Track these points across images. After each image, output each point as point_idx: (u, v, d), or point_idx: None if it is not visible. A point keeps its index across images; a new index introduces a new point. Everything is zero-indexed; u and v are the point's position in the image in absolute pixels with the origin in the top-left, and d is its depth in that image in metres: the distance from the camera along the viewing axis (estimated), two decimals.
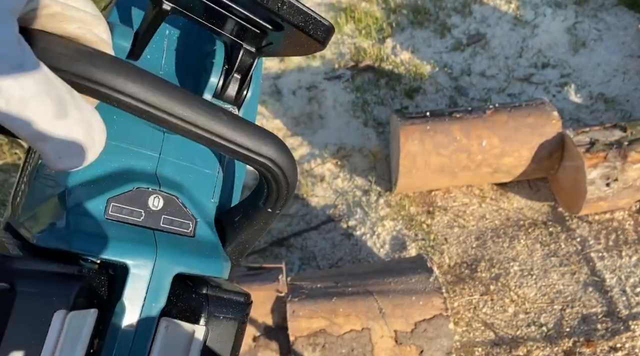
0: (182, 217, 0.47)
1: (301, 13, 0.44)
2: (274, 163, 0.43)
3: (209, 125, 0.39)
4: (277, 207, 0.48)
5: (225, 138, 0.40)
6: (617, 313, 1.74)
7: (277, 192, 0.46)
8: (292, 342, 1.41)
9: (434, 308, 1.45)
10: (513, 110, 1.90)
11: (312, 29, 0.45)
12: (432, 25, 2.50)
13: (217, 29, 0.47)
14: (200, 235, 0.48)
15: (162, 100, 0.36)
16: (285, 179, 0.45)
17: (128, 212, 0.44)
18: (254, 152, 0.42)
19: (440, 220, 1.98)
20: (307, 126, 2.23)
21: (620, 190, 1.81)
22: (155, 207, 0.46)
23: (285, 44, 0.48)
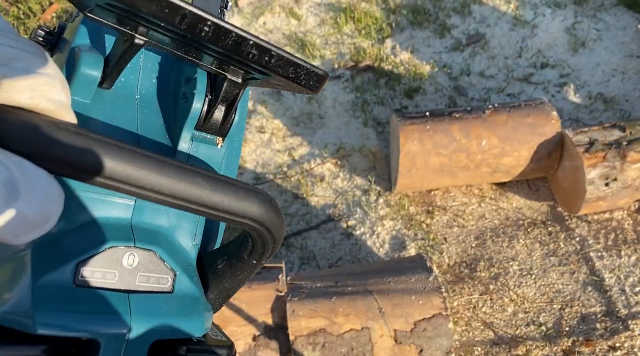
0: (159, 272, 0.43)
1: (292, 65, 0.41)
2: (260, 223, 0.40)
3: (187, 194, 0.35)
4: (262, 259, 0.45)
5: (206, 205, 0.37)
6: (617, 313, 1.74)
7: (264, 247, 0.44)
8: (292, 342, 1.42)
9: (434, 307, 1.45)
10: (513, 110, 1.91)
11: (304, 80, 0.42)
12: (432, 26, 2.51)
13: (198, 61, 0.44)
14: (180, 290, 0.44)
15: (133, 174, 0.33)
16: (272, 237, 0.42)
17: (100, 276, 0.40)
18: (238, 215, 0.39)
19: (440, 220, 1.99)
20: (307, 126, 2.24)
21: (620, 190, 1.82)
22: (130, 265, 0.41)
23: (273, 83, 0.45)
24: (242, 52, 0.38)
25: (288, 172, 2.12)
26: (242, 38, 0.37)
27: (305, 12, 2.58)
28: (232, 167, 0.52)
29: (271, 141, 2.20)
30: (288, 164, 2.14)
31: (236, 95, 0.46)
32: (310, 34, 2.50)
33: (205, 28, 0.36)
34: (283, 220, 0.43)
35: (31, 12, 2.52)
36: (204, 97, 0.45)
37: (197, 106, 0.45)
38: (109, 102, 0.45)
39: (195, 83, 0.45)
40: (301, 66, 0.41)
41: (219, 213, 0.38)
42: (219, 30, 0.36)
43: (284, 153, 2.17)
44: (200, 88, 0.45)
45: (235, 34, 0.37)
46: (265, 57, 0.39)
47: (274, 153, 2.17)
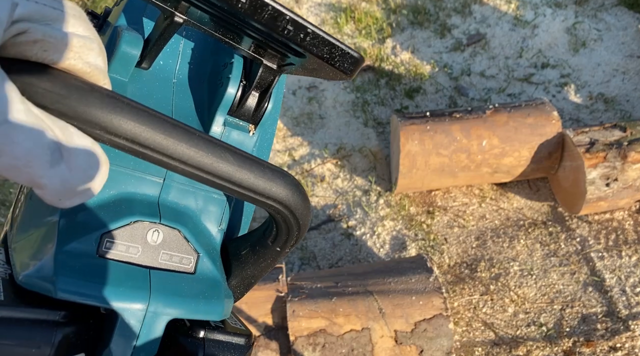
0: (183, 251, 0.43)
1: (326, 44, 0.40)
2: (285, 206, 0.40)
3: (213, 168, 0.35)
4: (286, 246, 0.45)
5: (232, 181, 0.36)
6: (617, 313, 1.74)
7: (288, 233, 0.43)
8: (292, 342, 1.42)
9: (434, 308, 1.45)
10: (513, 110, 1.91)
11: (338, 61, 0.41)
12: (432, 26, 2.51)
13: (234, 44, 0.43)
14: (201, 272, 0.44)
15: (161, 142, 0.33)
16: (296, 221, 0.41)
17: (123, 249, 0.40)
18: (263, 194, 0.38)
19: (440, 220, 1.98)
20: (307, 126, 2.24)
21: (620, 190, 1.81)
22: (154, 241, 0.42)
23: (308, 67, 0.44)
24: (277, 27, 0.37)
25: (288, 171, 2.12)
26: (279, 12, 0.37)
27: (305, 12, 2.58)
28: (264, 156, 0.52)
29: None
30: (288, 164, 2.14)
31: (270, 82, 0.45)
32: None
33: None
34: (309, 207, 0.42)
35: None
36: (238, 82, 0.45)
37: (230, 91, 0.45)
38: (146, 82, 0.45)
39: (231, 68, 0.45)
40: (336, 46, 0.40)
41: (244, 190, 0.37)
42: (255, 2, 0.36)
43: (284, 153, 2.16)
44: (236, 73, 0.45)
45: (271, 7, 0.36)
46: (300, 33, 0.38)
47: (274, 153, 2.17)
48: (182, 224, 0.43)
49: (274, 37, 0.40)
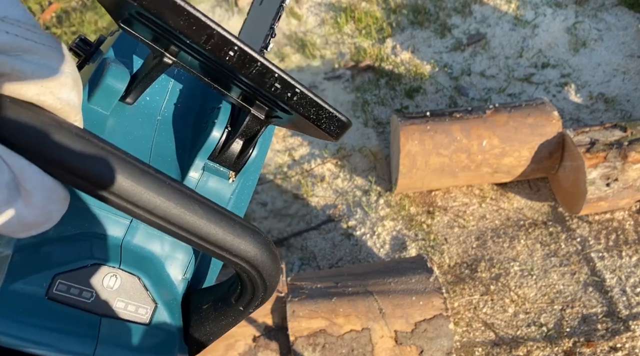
0: (140, 300, 0.40)
1: (314, 105, 0.39)
2: (252, 265, 0.37)
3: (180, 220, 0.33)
4: (250, 306, 0.42)
5: (198, 235, 0.34)
6: (617, 313, 1.74)
7: (253, 293, 0.40)
8: (292, 342, 1.41)
9: (434, 308, 1.45)
10: (513, 110, 1.90)
11: (325, 123, 0.40)
12: (432, 25, 2.50)
13: (223, 91, 0.42)
14: (157, 323, 0.41)
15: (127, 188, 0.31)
16: (263, 282, 0.39)
17: (76, 292, 0.38)
18: (229, 251, 0.36)
19: (440, 220, 1.98)
20: None
21: (621, 190, 1.81)
22: (110, 287, 0.39)
23: (296, 124, 0.43)
24: (265, 84, 0.37)
25: (288, 172, 2.11)
26: (267, 68, 0.36)
27: (306, 12, 2.57)
28: (241, 205, 0.50)
29: (271, 141, 2.20)
30: (288, 164, 2.14)
31: (256, 131, 0.44)
32: (310, 33, 2.50)
33: (230, 52, 0.35)
34: (279, 267, 0.40)
35: (30, 11, 2.51)
36: (223, 127, 0.44)
37: (214, 135, 0.43)
38: (129, 117, 0.44)
39: (218, 112, 0.44)
40: (323, 108, 0.39)
41: (210, 246, 0.35)
42: (244, 57, 0.35)
43: (284, 153, 2.16)
44: (222, 118, 0.44)
45: (260, 64, 0.36)
46: (287, 92, 0.38)
47: (274, 153, 2.16)
48: (143, 271, 0.41)
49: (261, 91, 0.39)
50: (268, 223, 1.98)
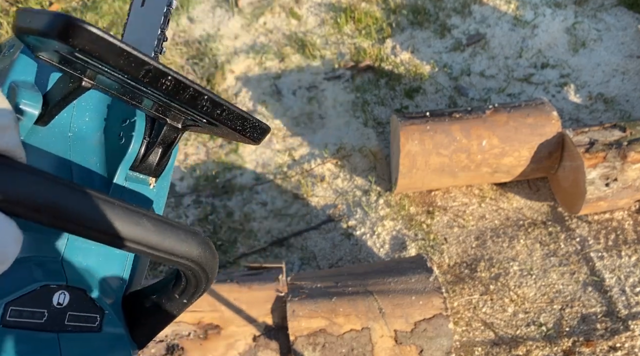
0: (89, 310, 0.43)
1: (240, 118, 0.43)
2: (197, 264, 0.42)
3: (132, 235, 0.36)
4: (193, 298, 0.46)
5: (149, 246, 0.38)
6: (617, 313, 1.74)
7: (196, 286, 0.45)
8: (292, 342, 1.42)
9: (434, 307, 1.45)
10: (513, 110, 1.91)
11: (249, 132, 0.45)
12: (432, 26, 2.51)
13: (140, 105, 0.45)
14: (107, 328, 0.44)
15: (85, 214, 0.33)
16: (206, 276, 0.44)
17: (29, 315, 0.39)
18: (177, 255, 0.40)
19: (440, 220, 1.98)
20: (307, 126, 2.24)
21: (620, 190, 1.82)
22: (60, 304, 0.41)
23: (216, 131, 0.47)
24: (197, 105, 0.40)
25: (288, 172, 2.12)
26: (199, 92, 0.40)
27: (305, 12, 2.58)
28: (160, 205, 0.53)
29: (271, 141, 2.20)
30: (288, 164, 2.14)
31: (174, 139, 0.47)
32: (310, 33, 2.50)
33: (166, 82, 0.38)
34: (217, 261, 0.45)
35: None
36: (141, 138, 0.47)
37: (134, 148, 0.46)
38: (43, 138, 0.45)
39: (133, 125, 0.46)
40: (248, 119, 0.44)
41: (160, 253, 0.39)
42: (178, 85, 0.38)
43: (284, 153, 2.17)
44: (139, 131, 0.46)
45: (192, 89, 0.39)
46: (217, 110, 0.41)
47: (274, 153, 2.17)
48: (88, 283, 0.43)
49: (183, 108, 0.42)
50: (268, 223, 1.98)
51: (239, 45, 2.46)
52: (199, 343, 1.41)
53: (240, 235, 1.96)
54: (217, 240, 1.95)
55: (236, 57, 2.42)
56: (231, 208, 2.03)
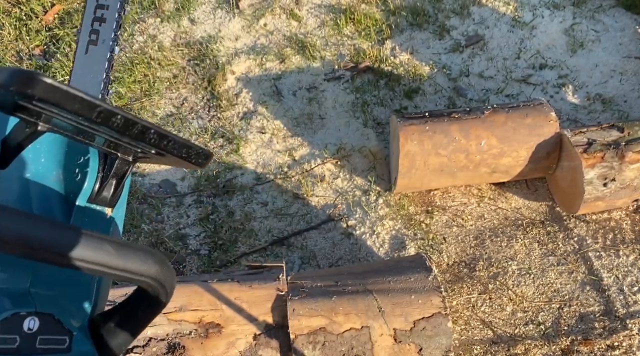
0: (58, 333, 0.45)
1: (185, 147, 0.47)
2: (157, 280, 0.45)
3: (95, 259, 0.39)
4: (154, 313, 0.49)
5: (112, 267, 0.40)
6: (615, 312, 1.75)
7: (157, 302, 0.48)
8: (292, 340, 1.43)
9: (433, 306, 1.46)
10: (511, 110, 1.92)
11: (194, 158, 0.49)
12: (431, 27, 2.52)
13: (92, 143, 0.48)
14: (76, 348, 0.46)
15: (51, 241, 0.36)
16: (165, 291, 0.47)
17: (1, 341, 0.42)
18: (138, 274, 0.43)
19: (439, 220, 2.00)
20: (307, 126, 2.25)
21: (618, 190, 1.83)
22: (30, 329, 0.43)
23: (163, 160, 0.50)
24: (145, 138, 0.44)
25: (288, 172, 2.13)
26: (146, 127, 0.43)
27: (306, 14, 2.59)
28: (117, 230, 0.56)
29: (271, 141, 2.21)
30: (288, 164, 2.15)
31: (125, 171, 0.51)
32: (310, 35, 2.51)
33: (116, 120, 0.41)
34: (174, 277, 0.47)
35: (33, 13, 2.53)
36: (96, 173, 0.50)
37: (89, 183, 0.50)
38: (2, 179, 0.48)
39: (87, 162, 0.50)
40: (192, 147, 0.48)
41: (122, 273, 0.41)
42: (127, 122, 0.42)
43: (284, 153, 2.18)
44: (92, 167, 0.50)
45: (140, 125, 0.43)
46: (164, 141, 0.45)
47: (274, 153, 2.18)
48: (55, 307, 0.45)
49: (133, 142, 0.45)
50: (268, 223, 2.00)
51: (239, 46, 2.48)
52: (200, 342, 1.42)
53: (241, 235, 1.97)
54: (218, 240, 1.97)
55: (237, 58, 2.43)
56: (232, 208, 2.04)
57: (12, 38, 2.44)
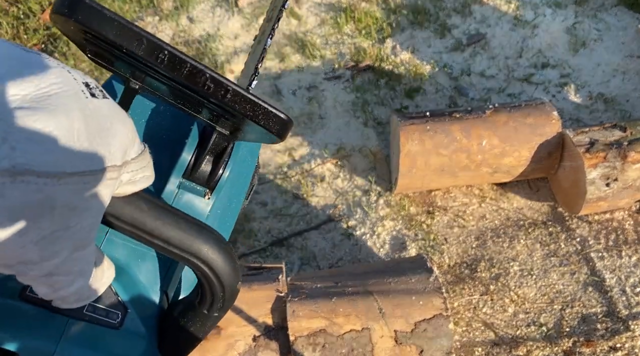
0: (110, 304, 0.42)
1: (248, 102, 0.41)
2: (205, 263, 0.39)
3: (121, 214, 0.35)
4: (213, 309, 0.43)
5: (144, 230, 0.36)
6: (617, 313, 1.74)
7: (212, 294, 0.42)
8: (292, 342, 1.42)
9: (434, 308, 1.45)
10: (513, 110, 1.91)
11: (263, 120, 0.42)
12: (432, 26, 2.51)
13: (188, 110, 0.45)
14: (128, 328, 0.42)
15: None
16: (219, 281, 0.40)
17: None
18: (180, 248, 0.38)
19: (440, 220, 1.98)
20: (307, 126, 2.24)
21: (620, 190, 1.81)
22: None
23: (251, 131, 0.45)
24: (197, 83, 0.38)
25: (288, 172, 2.11)
26: (197, 69, 0.38)
27: (305, 12, 2.58)
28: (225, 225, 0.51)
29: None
30: (288, 164, 2.14)
31: (224, 147, 0.46)
32: (310, 33, 2.50)
33: (161, 55, 0.37)
34: (236, 268, 0.41)
35: (30, 11, 2.52)
36: (194, 146, 0.46)
37: (185, 155, 0.46)
38: None
39: (188, 133, 0.46)
40: (259, 105, 0.41)
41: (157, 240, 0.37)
42: (174, 59, 0.37)
43: (284, 153, 2.16)
44: (192, 138, 0.46)
45: (190, 64, 0.38)
46: (220, 90, 0.39)
47: (274, 153, 2.17)
48: (116, 278, 0.42)
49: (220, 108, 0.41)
50: (268, 223, 1.98)
51: (238, 45, 2.46)
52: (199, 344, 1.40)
53: (240, 235, 1.95)
54: None
55: (236, 57, 2.41)
56: None
57: (10, 37, 2.43)
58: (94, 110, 0.32)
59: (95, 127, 0.31)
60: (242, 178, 0.52)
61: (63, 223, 0.30)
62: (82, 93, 0.32)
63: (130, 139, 0.34)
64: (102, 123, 0.32)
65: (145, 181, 0.37)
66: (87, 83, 0.33)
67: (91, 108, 0.32)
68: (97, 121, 0.31)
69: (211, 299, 0.42)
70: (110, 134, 0.32)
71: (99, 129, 0.31)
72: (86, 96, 0.32)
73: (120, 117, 0.34)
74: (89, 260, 0.34)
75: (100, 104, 0.33)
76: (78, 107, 0.30)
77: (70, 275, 0.33)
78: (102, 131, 0.32)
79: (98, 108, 0.32)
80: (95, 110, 0.32)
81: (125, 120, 0.35)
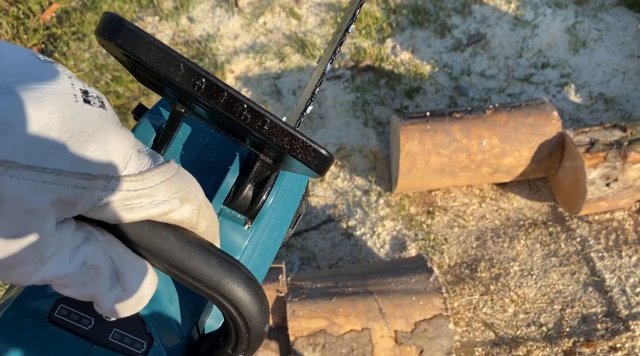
0: (136, 334, 0.40)
1: (286, 135, 0.39)
2: (231, 303, 0.36)
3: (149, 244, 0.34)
4: (238, 351, 0.41)
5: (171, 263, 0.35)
6: (617, 313, 1.74)
7: (237, 334, 0.39)
8: (292, 342, 1.41)
9: (434, 308, 1.45)
10: (513, 110, 1.90)
11: (301, 154, 0.40)
12: (432, 26, 2.50)
13: (232, 136, 0.44)
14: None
15: None
16: (244, 324, 0.37)
17: (76, 318, 0.39)
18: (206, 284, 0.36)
19: (440, 220, 1.98)
20: (307, 126, 2.23)
21: (620, 190, 1.81)
22: (108, 318, 0.39)
23: (292, 163, 0.44)
24: (234, 112, 0.38)
25: None
26: (234, 98, 0.37)
27: (305, 12, 2.58)
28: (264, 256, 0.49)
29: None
30: None
31: (267, 176, 0.45)
32: (310, 33, 2.50)
33: (198, 82, 0.36)
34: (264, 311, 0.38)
35: (30, 11, 2.52)
36: (237, 173, 0.45)
37: (228, 181, 0.45)
38: None
39: (233, 160, 0.46)
40: (297, 139, 0.40)
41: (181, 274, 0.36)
42: (211, 87, 0.37)
43: None
44: (235, 164, 0.45)
45: (227, 93, 0.37)
46: (257, 121, 0.38)
47: None
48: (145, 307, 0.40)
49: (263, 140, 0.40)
50: None
51: (238, 45, 2.46)
52: None
53: None
54: None
55: (236, 57, 2.41)
56: None
57: (10, 37, 2.43)
58: (80, 113, 0.30)
59: (74, 129, 0.29)
60: (287, 207, 0.50)
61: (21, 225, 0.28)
62: (73, 96, 0.30)
63: (121, 153, 0.32)
64: (84, 128, 0.30)
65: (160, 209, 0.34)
66: (86, 91, 0.32)
67: (77, 110, 0.30)
68: (79, 124, 0.30)
69: (236, 339, 0.40)
70: (91, 140, 0.30)
71: (79, 132, 0.30)
72: (76, 100, 0.30)
73: (112, 128, 0.32)
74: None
75: (92, 111, 0.31)
76: (60, 104, 0.29)
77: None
78: (81, 135, 0.30)
79: (86, 112, 0.31)
80: (81, 113, 0.30)
81: (118, 132, 0.32)
